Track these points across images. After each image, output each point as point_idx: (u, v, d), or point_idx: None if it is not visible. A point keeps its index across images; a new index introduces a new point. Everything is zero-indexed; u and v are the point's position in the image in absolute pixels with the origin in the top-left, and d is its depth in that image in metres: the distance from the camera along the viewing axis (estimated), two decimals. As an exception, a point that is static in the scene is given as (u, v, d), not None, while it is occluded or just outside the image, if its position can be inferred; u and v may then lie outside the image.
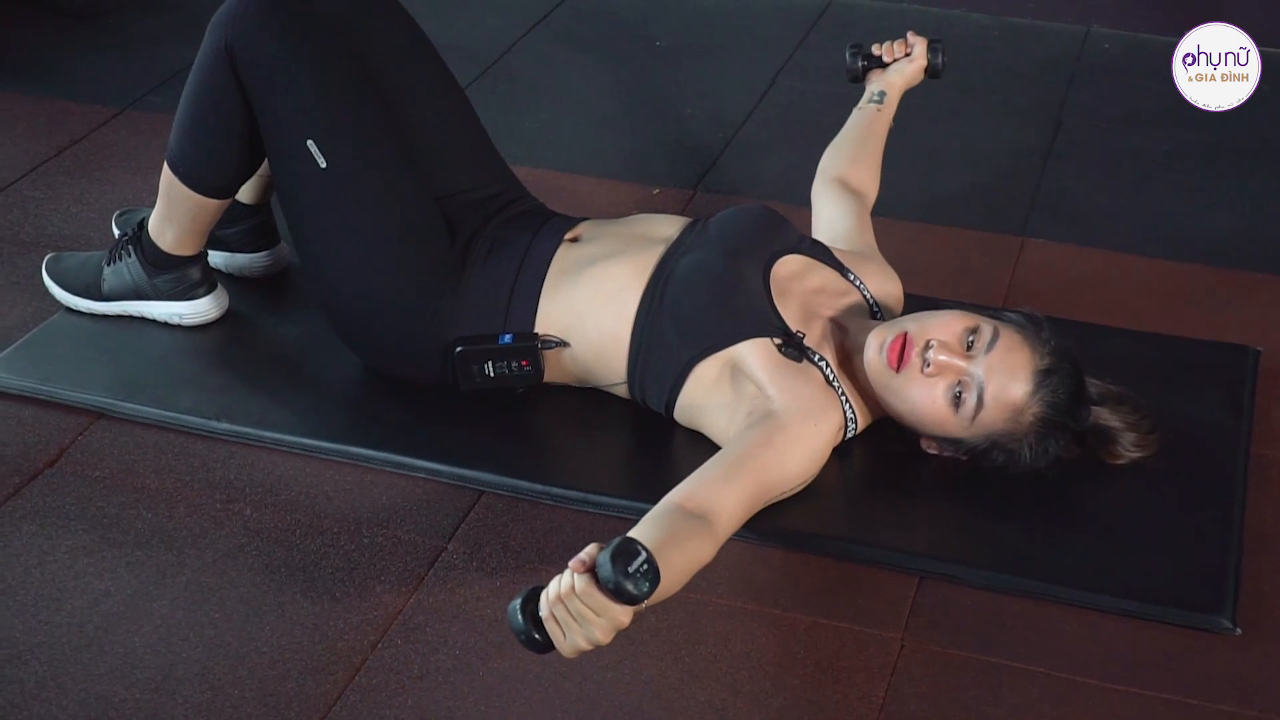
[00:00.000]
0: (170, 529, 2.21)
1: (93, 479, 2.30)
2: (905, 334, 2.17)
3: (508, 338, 2.34)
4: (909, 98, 2.76)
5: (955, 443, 2.22)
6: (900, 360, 2.17)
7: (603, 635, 1.71)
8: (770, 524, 2.18)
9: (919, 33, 2.74)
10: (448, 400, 2.41)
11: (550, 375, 2.38)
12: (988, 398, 2.15)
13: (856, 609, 2.11)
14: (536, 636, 1.73)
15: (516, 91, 3.55)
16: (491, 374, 2.35)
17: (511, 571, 2.15)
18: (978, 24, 3.89)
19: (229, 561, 2.15)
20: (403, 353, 2.41)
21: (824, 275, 2.38)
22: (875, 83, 2.72)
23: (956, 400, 2.16)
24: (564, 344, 2.34)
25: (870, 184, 2.64)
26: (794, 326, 2.26)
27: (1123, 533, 2.22)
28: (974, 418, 2.16)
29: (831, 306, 2.34)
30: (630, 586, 1.69)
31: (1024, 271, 2.86)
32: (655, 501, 2.18)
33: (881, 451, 2.32)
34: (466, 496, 2.28)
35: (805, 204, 2.66)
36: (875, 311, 2.39)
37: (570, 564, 1.72)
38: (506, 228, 2.43)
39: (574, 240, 2.40)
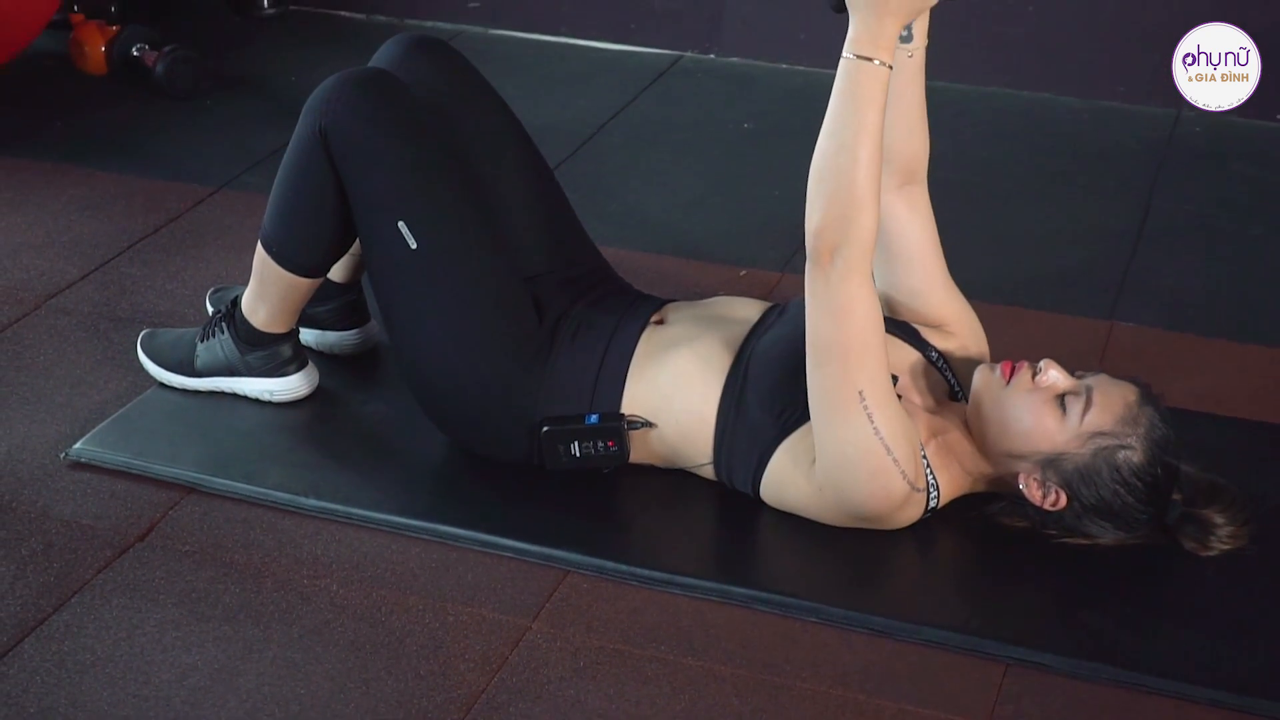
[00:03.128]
0: (257, 604, 2.22)
1: (182, 553, 2.32)
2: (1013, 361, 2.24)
3: (594, 418, 2.35)
4: (995, 183, 2.74)
5: (1050, 466, 2.20)
6: (1012, 372, 2.21)
7: None
8: (856, 608, 2.16)
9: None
10: (534, 479, 2.42)
11: (636, 456, 2.38)
12: (1098, 396, 2.18)
13: (943, 695, 2.08)
14: None
15: (605, 173, 3.57)
16: (578, 454, 2.36)
17: (595, 652, 2.14)
18: (1068, 107, 3.88)
19: (315, 638, 2.17)
20: (490, 431, 2.42)
21: (906, 355, 2.37)
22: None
23: (1063, 407, 2.18)
24: (650, 425, 2.34)
25: (919, 155, 2.40)
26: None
27: (1214, 621, 2.19)
28: (1082, 418, 2.17)
29: (913, 387, 2.34)
30: None
31: (1113, 356, 2.83)
32: (740, 583, 2.19)
33: (967, 534, 2.30)
34: (551, 576, 2.28)
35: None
36: (957, 393, 2.38)
37: None
38: (593, 309, 2.45)
39: (659, 323, 2.41)
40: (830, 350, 2.13)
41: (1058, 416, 2.18)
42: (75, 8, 4.04)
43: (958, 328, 2.45)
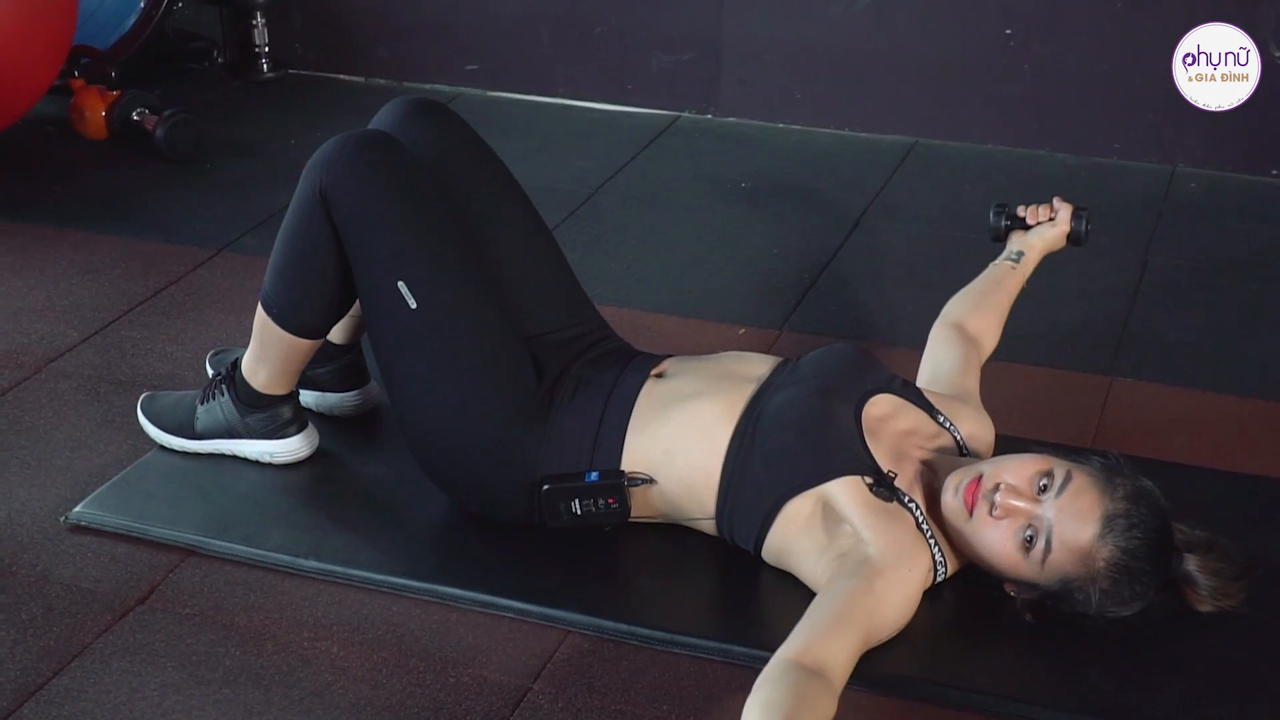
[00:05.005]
0: (258, 667, 2.22)
1: (183, 616, 2.31)
2: (980, 476, 2.18)
3: (594, 476, 2.35)
4: (980, 238, 2.76)
5: (1032, 586, 2.20)
6: (973, 503, 2.18)
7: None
8: (860, 669, 2.16)
9: (1064, 199, 2.72)
10: (535, 538, 2.41)
11: (637, 512, 2.38)
12: (1055, 541, 2.14)
13: (947, 754, 2.08)
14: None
15: (603, 232, 3.59)
16: (579, 512, 2.36)
17: (596, 713, 2.13)
18: (1063, 164, 3.90)
19: (316, 700, 2.16)
20: (490, 491, 2.42)
21: (915, 417, 2.37)
22: (1015, 242, 2.72)
23: (1028, 544, 2.15)
24: (650, 481, 2.34)
25: (989, 333, 2.63)
26: (885, 467, 2.25)
27: (1219, 679, 2.18)
28: (1044, 562, 2.15)
29: (922, 449, 2.34)
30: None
31: (1112, 411, 2.84)
32: (743, 642, 2.17)
33: (973, 594, 2.30)
34: (553, 636, 2.27)
35: (892, 343, 2.67)
36: (965, 455, 2.38)
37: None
38: (592, 367, 2.45)
39: (659, 376, 2.42)
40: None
41: (1020, 555, 2.17)
42: (76, 73, 4.06)
43: (969, 397, 2.48)
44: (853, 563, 2.15)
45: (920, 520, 2.23)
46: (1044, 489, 2.15)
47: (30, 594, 2.35)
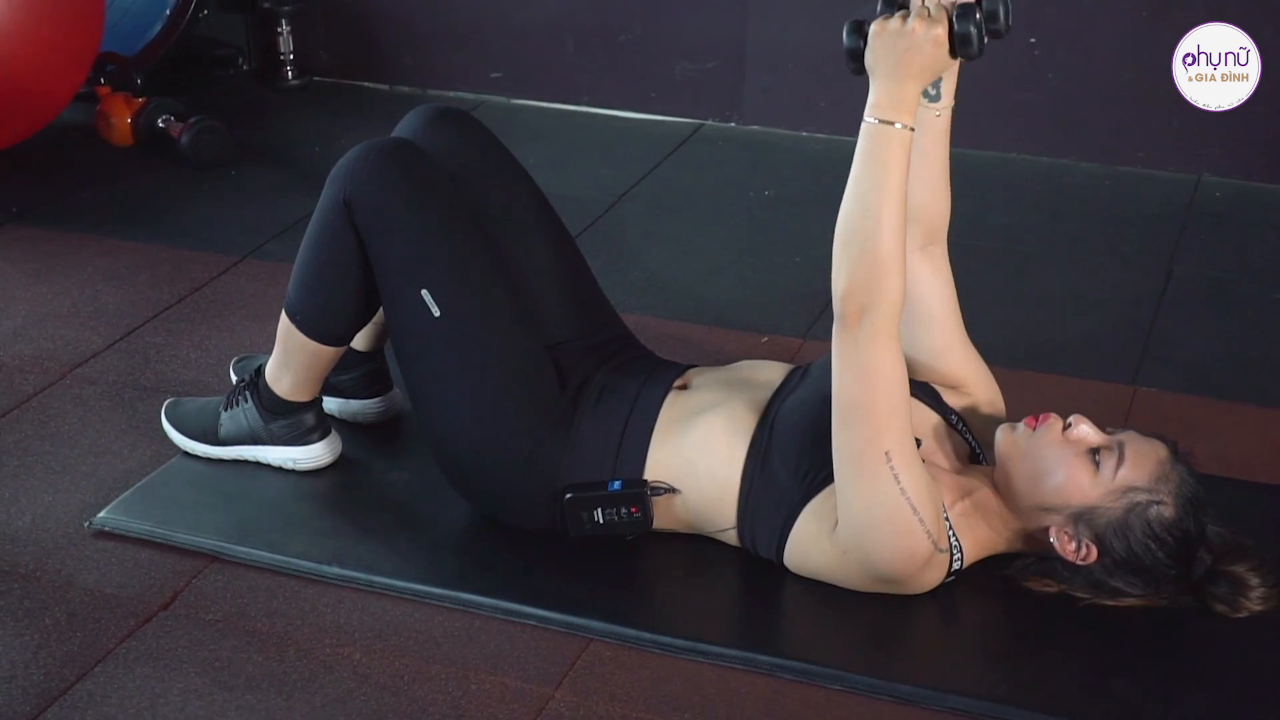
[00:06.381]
0: (280, 673, 2.22)
1: (206, 622, 2.32)
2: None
3: (617, 484, 2.35)
4: (1017, 248, 2.75)
5: (1085, 518, 2.19)
6: (1038, 421, 2.21)
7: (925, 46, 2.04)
8: (882, 675, 2.16)
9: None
10: (557, 546, 2.42)
11: (660, 522, 2.38)
12: (1130, 452, 2.18)
13: (969, 764, 2.07)
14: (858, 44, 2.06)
15: (627, 240, 3.59)
16: (601, 521, 2.36)
17: (619, 720, 2.14)
18: (1088, 173, 3.89)
19: (338, 706, 2.16)
20: (513, 499, 2.42)
21: (928, 419, 2.37)
22: None
23: (1096, 461, 2.18)
24: (673, 491, 2.34)
25: (938, 206, 2.38)
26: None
27: (1243, 690, 2.17)
28: (1115, 473, 2.17)
29: (937, 450, 2.33)
30: (974, 37, 2.02)
31: (1136, 420, 2.82)
32: (765, 650, 2.17)
33: (993, 599, 2.29)
34: (575, 644, 2.27)
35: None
36: (979, 455, 2.38)
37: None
38: (615, 375, 2.45)
39: (683, 388, 2.42)
40: (857, 411, 2.13)
41: (1090, 471, 2.18)
42: (101, 80, 4.08)
43: (975, 389, 2.45)
44: None
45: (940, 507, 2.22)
46: (1110, 435, 2.23)
47: (54, 599, 2.36)
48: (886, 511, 2.14)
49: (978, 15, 2.05)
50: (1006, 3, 2.06)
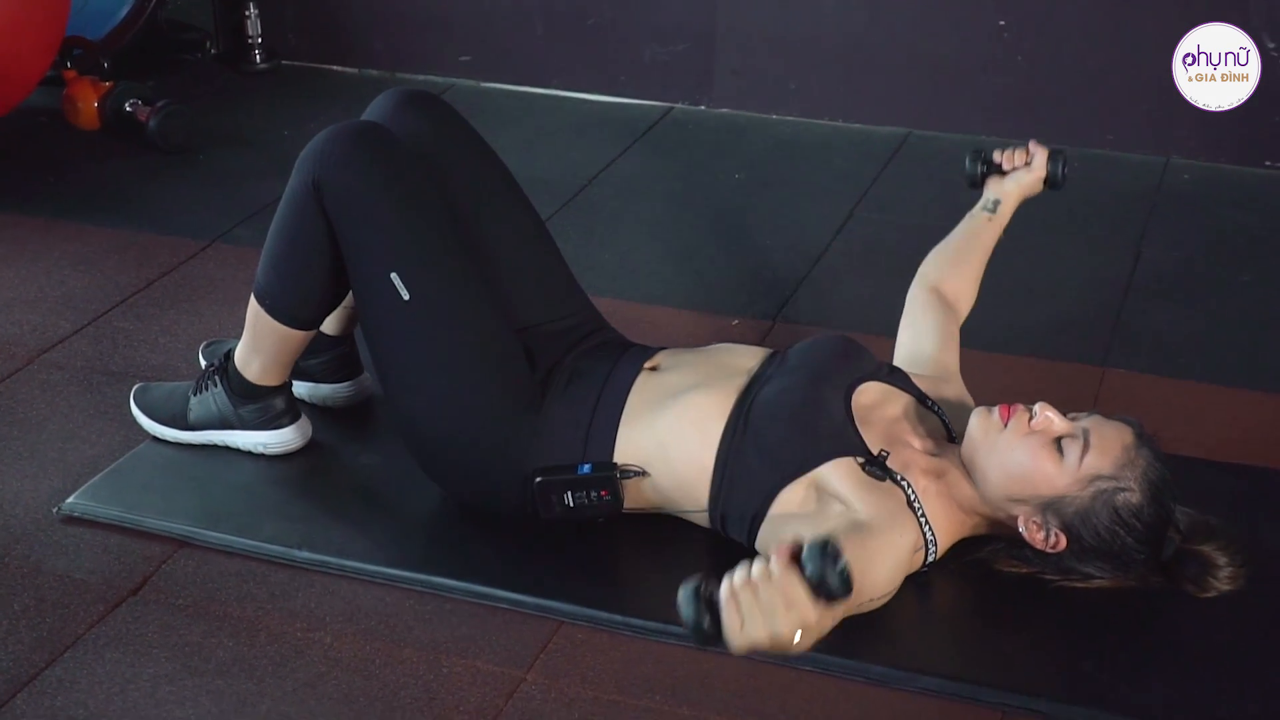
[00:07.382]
0: (251, 658, 2.22)
1: (175, 607, 2.31)
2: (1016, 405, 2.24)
3: (586, 468, 2.35)
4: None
5: (1053, 506, 2.20)
6: (1009, 415, 2.21)
7: (787, 631, 1.70)
8: (853, 656, 2.16)
9: (1040, 143, 2.71)
10: (528, 530, 2.41)
11: (630, 504, 2.38)
12: (1094, 439, 2.18)
13: (939, 744, 2.08)
14: (705, 626, 1.70)
15: (597, 224, 3.58)
16: (571, 504, 2.36)
17: (589, 703, 2.14)
18: (1056, 155, 3.90)
19: (309, 691, 2.16)
20: (483, 482, 2.42)
21: (904, 402, 2.38)
22: (991, 190, 2.70)
23: (1060, 450, 2.18)
24: (643, 473, 2.34)
25: (966, 294, 2.63)
26: (875, 450, 2.26)
27: (1212, 668, 2.18)
28: (1080, 461, 2.17)
29: (912, 433, 2.34)
30: (834, 582, 1.68)
31: (1105, 402, 2.84)
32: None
33: (964, 581, 2.30)
34: (546, 627, 2.28)
35: (884, 333, 2.66)
36: (954, 436, 2.39)
37: (775, 550, 1.73)
38: (586, 358, 2.45)
39: (653, 369, 2.42)
40: None
41: (1055, 460, 2.18)
42: (68, 64, 4.05)
43: (951, 376, 2.47)
44: (845, 524, 2.15)
45: (912, 498, 2.23)
46: (1074, 421, 2.23)
47: (23, 585, 2.35)
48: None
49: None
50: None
